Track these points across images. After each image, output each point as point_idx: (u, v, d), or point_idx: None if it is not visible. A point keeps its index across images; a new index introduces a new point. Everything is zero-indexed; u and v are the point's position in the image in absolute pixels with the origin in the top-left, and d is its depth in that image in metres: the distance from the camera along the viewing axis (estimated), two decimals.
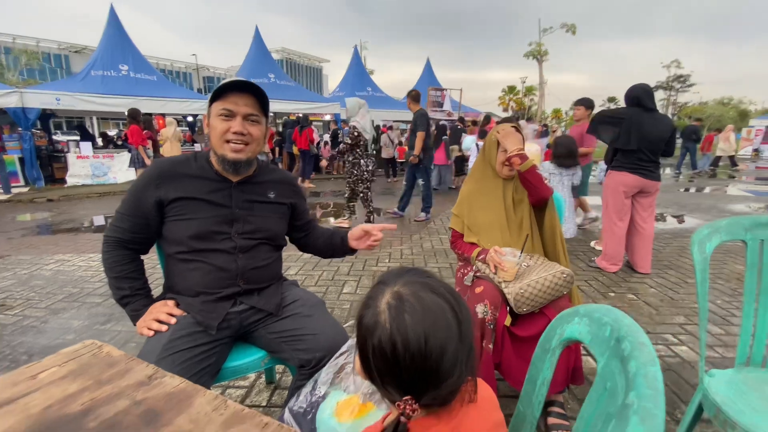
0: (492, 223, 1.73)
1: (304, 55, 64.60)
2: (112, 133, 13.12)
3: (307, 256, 3.64)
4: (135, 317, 1.12)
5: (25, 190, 8.17)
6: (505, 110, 52.71)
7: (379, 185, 9.29)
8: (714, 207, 6.38)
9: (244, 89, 1.09)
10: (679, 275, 3.21)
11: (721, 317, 2.48)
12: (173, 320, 1.06)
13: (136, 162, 6.91)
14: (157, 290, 1.26)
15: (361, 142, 4.48)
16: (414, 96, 5.03)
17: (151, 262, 3.50)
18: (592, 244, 4.10)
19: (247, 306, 1.16)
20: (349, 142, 4.46)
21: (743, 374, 1.14)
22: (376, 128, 10.64)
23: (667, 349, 2.09)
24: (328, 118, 12.93)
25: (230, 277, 1.13)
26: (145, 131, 6.70)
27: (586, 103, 4.44)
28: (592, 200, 6.70)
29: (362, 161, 4.60)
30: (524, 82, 48.95)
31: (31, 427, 0.48)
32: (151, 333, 1.04)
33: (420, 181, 5.20)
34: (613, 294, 2.84)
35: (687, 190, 8.80)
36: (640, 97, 2.99)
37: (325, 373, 0.80)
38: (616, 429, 0.36)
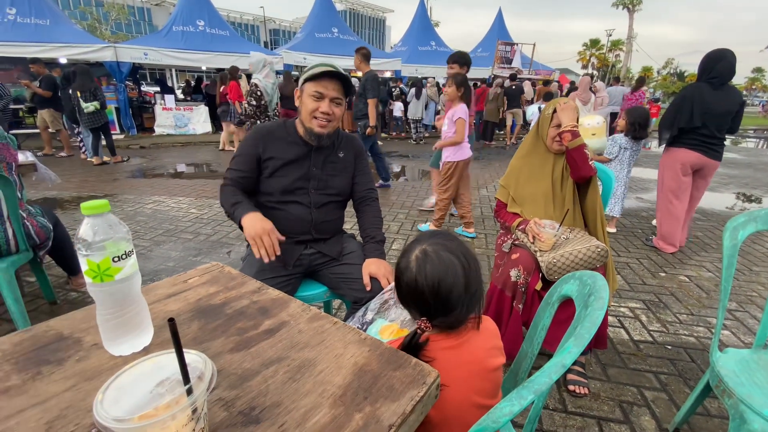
0: (537, 196, 1.83)
1: (368, 5, 62.51)
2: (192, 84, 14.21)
3: None
4: (242, 214, 1.25)
5: (121, 137, 9.29)
6: (584, 67, 47.71)
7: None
8: None
9: (334, 75, 1.30)
10: (744, 262, 3.05)
11: (759, 306, 2.39)
12: (277, 251, 1.21)
13: (232, 116, 7.42)
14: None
15: (263, 102, 4.18)
16: (364, 54, 4.27)
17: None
18: (654, 222, 3.92)
19: (316, 250, 1.44)
20: (254, 103, 4.15)
21: (757, 355, 1.21)
22: (436, 86, 10.33)
23: (707, 331, 2.11)
24: (388, 74, 12.79)
25: (305, 227, 1.41)
26: (222, 87, 7.25)
27: (461, 60, 3.48)
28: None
29: (259, 122, 4.27)
30: (610, 35, 43.30)
31: (191, 310, 0.77)
32: (257, 252, 1.19)
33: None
34: (663, 274, 2.80)
35: None
36: (704, 68, 2.77)
37: (373, 304, 1.05)
38: (565, 347, 0.54)
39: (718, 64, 2.68)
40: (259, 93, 4.13)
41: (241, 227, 1.26)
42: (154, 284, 0.85)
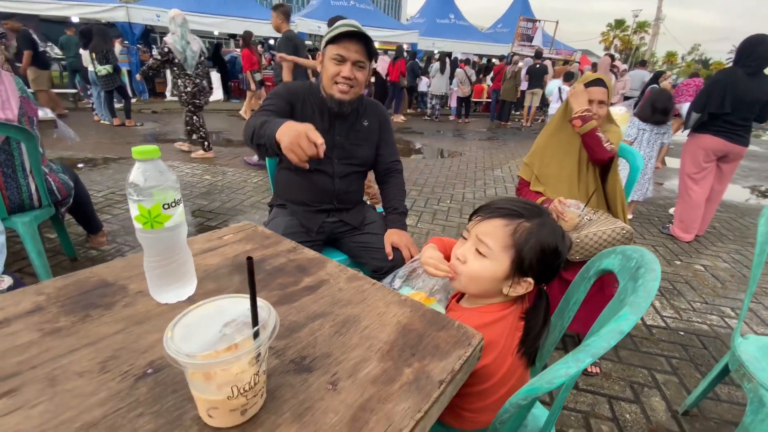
0: (561, 175, 1.80)
1: None
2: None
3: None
4: (276, 127, 1.01)
5: (133, 101, 9.20)
6: (607, 48, 46.05)
7: (449, 124, 9.10)
8: None
9: (356, 36, 1.23)
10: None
11: None
12: (321, 151, 0.96)
13: (246, 85, 7.30)
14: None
15: (176, 60, 4.08)
16: (284, 12, 3.73)
17: (260, 175, 4.00)
18: (671, 210, 3.87)
19: (338, 219, 1.44)
20: (159, 58, 4.08)
21: None
22: (453, 62, 10.01)
23: (721, 320, 2.11)
24: (405, 47, 12.42)
25: (328, 196, 1.40)
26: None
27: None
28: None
29: (179, 81, 4.25)
30: (636, 16, 41.45)
31: (230, 264, 0.77)
32: (304, 163, 0.96)
33: None
34: (678, 262, 2.78)
35: None
36: (742, 52, 2.68)
37: (402, 272, 1.05)
38: (614, 316, 0.54)
39: (759, 48, 2.59)
40: (166, 49, 4.04)
41: (278, 147, 1.00)
42: (190, 239, 0.85)
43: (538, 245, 0.71)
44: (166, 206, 0.58)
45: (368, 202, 1.63)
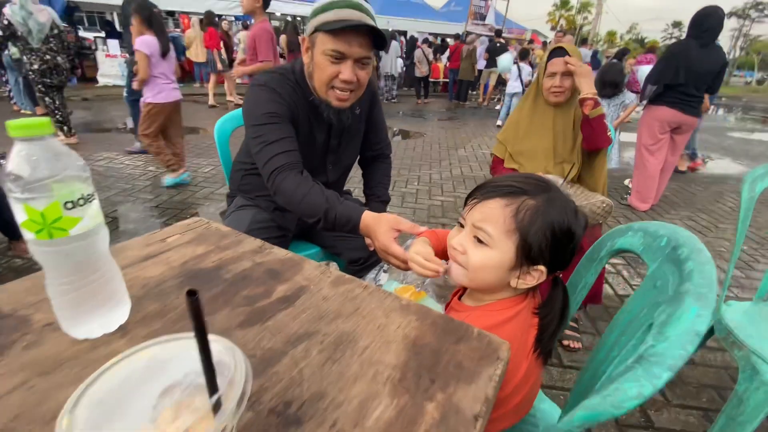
0: (537, 150, 1.74)
1: None
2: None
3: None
4: (355, 222, 0.94)
5: None
6: (554, 28, 47.64)
7: (407, 105, 8.95)
8: (763, 154, 6.02)
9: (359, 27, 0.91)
10: (710, 219, 3.20)
11: (745, 262, 2.53)
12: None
13: (213, 66, 7.03)
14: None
15: (19, 33, 3.73)
16: None
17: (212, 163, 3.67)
18: (626, 182, 4.02)
19: None
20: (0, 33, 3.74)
21: (759, 307, 1.22)
22: (411, 41, 9.82)
23: None
24: None
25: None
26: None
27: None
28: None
29: (25, 57, 3.86)
30: None
31: (178, 275, 0.60)
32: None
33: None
34: None
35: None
36: (694, 23, 2.78)
37: (387, 264, 0.93)
38: (667, 310, 0.44)
39: (709, 19, 2.69)
40: (5, 21, 3.67)
41: (356, 231, 0.95)
42: (121, 245, 0.67)
43: (546, 226, 0.59)
44: (69, 205, 0.40)
45: None
